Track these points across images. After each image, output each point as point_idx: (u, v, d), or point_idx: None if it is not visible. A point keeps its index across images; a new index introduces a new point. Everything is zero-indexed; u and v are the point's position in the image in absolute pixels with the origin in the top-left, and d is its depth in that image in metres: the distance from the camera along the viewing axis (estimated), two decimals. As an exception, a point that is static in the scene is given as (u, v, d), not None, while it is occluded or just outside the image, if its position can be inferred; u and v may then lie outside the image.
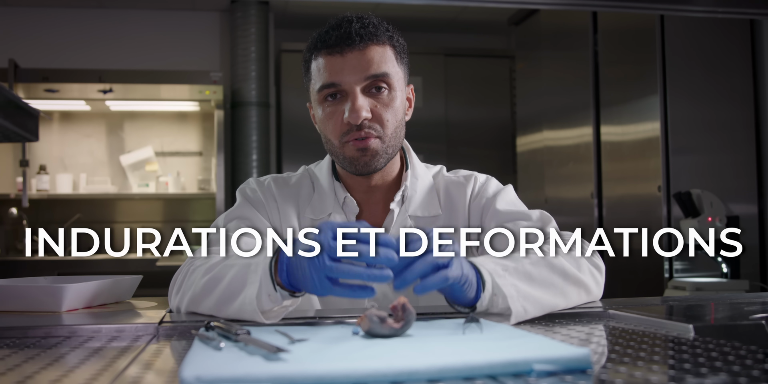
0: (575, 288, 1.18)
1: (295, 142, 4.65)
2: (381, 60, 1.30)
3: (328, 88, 1.31)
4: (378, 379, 0.66)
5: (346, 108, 1.29)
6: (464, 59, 4.98)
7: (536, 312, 1.10)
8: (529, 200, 1.49)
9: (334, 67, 1.29)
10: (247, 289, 1.06)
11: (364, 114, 1.28)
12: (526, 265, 1.13)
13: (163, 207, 4.76)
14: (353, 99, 1.29)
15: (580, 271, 1.20)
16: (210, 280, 1.14)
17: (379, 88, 1.31)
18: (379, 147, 1.32)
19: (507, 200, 1.43)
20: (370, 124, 1.30)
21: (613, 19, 3.45)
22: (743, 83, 3.09)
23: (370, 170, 1.34)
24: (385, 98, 1.32)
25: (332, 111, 1.32)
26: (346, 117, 1.29)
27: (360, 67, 1.29)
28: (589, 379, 0.68)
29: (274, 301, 1.05)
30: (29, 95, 4.15)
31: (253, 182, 1.45)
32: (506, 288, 1.05)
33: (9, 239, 4.54)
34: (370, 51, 1.30)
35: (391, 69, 1.32)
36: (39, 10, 4.64)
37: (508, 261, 1.13)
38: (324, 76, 1.31)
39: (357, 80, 1.29)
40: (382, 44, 1.32)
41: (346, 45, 1.29)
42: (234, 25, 4.63)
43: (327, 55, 1.31)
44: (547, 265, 1.16)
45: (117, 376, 0.74)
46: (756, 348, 0.82)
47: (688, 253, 2.95)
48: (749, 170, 3.06)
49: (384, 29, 1.33)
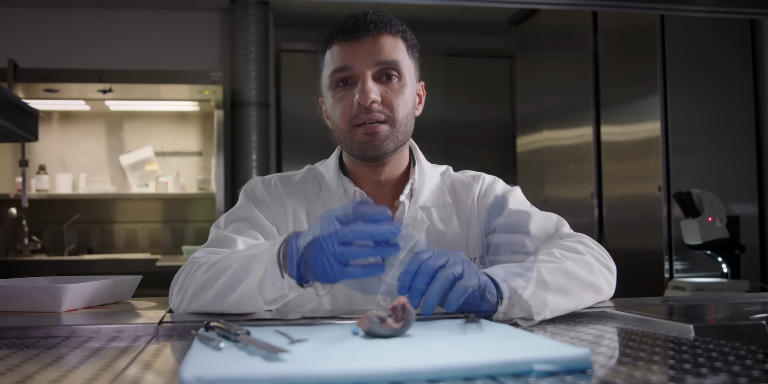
0: (589, 291, 1.18)
1: (295, 142, 4.65)
2: (393, 49, 1.33)
3: (339, 73, 1.33)
4: (378, 379, 0.66)
5: (357, 91, 1.31)
6: (464, 59, 4.98)
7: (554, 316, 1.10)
8: (529, 200, 1.49)
9: (347, 52, 1.32)
10: (250, 277, 1.07)
11: (373, 96, 1.29)
12: (544, 274, 1.12)
13: (163, 207, 4.76)
14: (363, 82, 1.31)
15: (592, 275, 1.20)
16: (213, 273, 1.15)
17: (390, 76, 1.33)
18: (389, 132, 1.33)
19: (518, 201, 1.43)
20: (379, 107, 1.31)
21: (613, 19, 3.45)
22: (743, 83, 3.09)
23: (379, 155, 1.34)
24: (396, 86, 1.34)
25: (342, 96, 1.33)
26: (356, 99, 1.30)
27: (372, 52, 1.31)
28: (589, 379, 0.68)
29: (278, 289, 1.05)
30: (29, 95, 4.15)
31: (257, 181, 1.45)
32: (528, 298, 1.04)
33: (8, 239, 4.54)
34: (382, 39, 1.33)
35: (402, 59, 1.35)
36: (39, 10, 4.64)
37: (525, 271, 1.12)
38: (337, 61, 1.33)
39: (368, 65, 1.31)
40: (395, 35, 1.35)
41: (360, 31, 1.32)
42: (234, 24, 4.63)
43: (341, 41, 1.33)
44: (562, 272, 1.15)
45: (117, 376, 0.74)
46: (756, 348, 0.81)
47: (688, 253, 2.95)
48: (749, 170, 3.06)
49: (398, 23, 1.37)
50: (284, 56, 4.70)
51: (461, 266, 1.00)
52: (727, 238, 2.81)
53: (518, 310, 1.04)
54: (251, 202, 1.41)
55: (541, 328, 1.03)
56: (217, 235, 1.34)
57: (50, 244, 4.59)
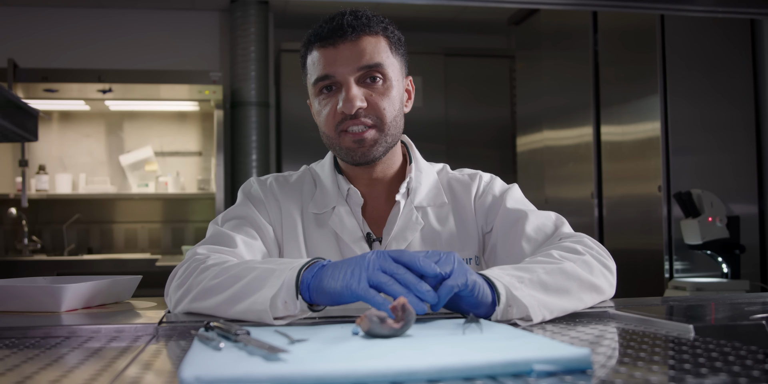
0: (589, 292, 1.18)
1: (294, 141, 4.65)
2: (374, 50, 1.31)
3: (322, 81, 1.31)
4: (378, 380, 0.66)
5: (341, 98, 1.29)
6: (464, 59, 4.98)
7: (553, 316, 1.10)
8: (529, 200, 1.48)
9: (328, 59, 1.30)
10: (265, 290, 1.04)
11: (358, 103, 1.28)
12: (542, 275, 1.12)
13: (163, 207, 4.75)
14: (347, 89, 1.29)
15: (592, 275, 1.19)
16: (226, 279, 1.12)
17: (374, 78, 1.31)
18: (377, 137, 1.32)
19: (516, 199, 1.42)
20: (365, 113, 1.30)
21: (613, 19, 3.45)
22: (743, 83, 3.09)
23: (369, 160, 1.34)
24: (380, 88, 1.32)
25: (327, 102, 1.32)
26: (340, 107, 1.29)
27: (352, 58, 1.29)
28: (589, 379, 0.68)
29: (288, 309, 1.02)
30: (28, 95, 4.15)
31: (254, 181, 1.46)
32: (525, 299, 1.04)
33: (8, 239, 4.54)
34: (362, 42, 1.30)
35: (385, 59, 1.32)
36: (38, 10, 4.64)
37: (523, 272, 1.12)
38: (318, 69, 1.31)
39: (350, 71, 1.29)
40: (375, 35, 1.32)
41: (338, 37, 1.29)
42: (233, 24, 4.63)
43: (320, 48, 1.31)
44: (561, 272, 1.15)
45: (116, 376, 0.74)
46: (756, 348, 0.81)
47: (688, 253, 2.95)
48: (749, 170, 3.06)
49: (377, 21, 1.34)
50: (284, 56, 4.70)
51: (450, 266, 1.00)
52: (727, 238, 2.81)
53: (516, 311, 1.04)
54: (248, 201, 1.41)
55: (541, 328, 1.03)
56: (216, 232, 1.34)
57: (50, 244, 4.59)
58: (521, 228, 1.35)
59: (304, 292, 1.02)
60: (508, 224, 1.38)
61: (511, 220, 1.38)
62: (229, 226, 1.36)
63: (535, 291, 1.08)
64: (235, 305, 1.08)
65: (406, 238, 1.36)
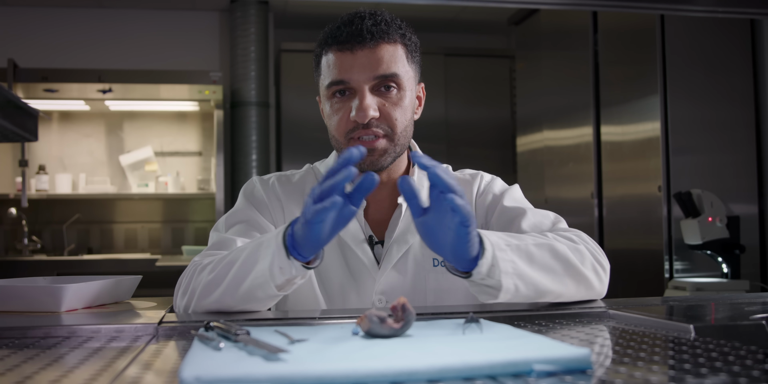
0: (574, 280, 1.18)
1: (294, 141, 4.65)
2: (391, 59, 1.29)
3: (336, 85, 1.30)
4: (378, 380, 0.66)
5: (354, 106, 1.28)
6: (464, 59, 4.98)
7: (528, 293, 1.10)
8: (529, 200, 1.49)
9: (344, 64, 1.28)
10: (259, 264, 1.08)
11: (371, 113, 1.27)
12: (530, 246, 1.12)
13: (163, 207, 4.76)
14: (361, 98, 1.27)
15: (582, 265, 1.19)
16: (222, 268, 1.15)
17: (389, 87, 1.30)
18: (387, 146, 1.31)
19: (514, 198, 1.42)
20: (377, 122, 1.29)
21: (613, 19, 3.45)
22: (743, 83, 3.09)
23: (376, 169, 1.33)
24: (394, 97, 1.30)
25: (339, 107, 1.31)
26: (353, 115, 1.27)
27: (370, 66, 1.27)
28: (589, 379, 0.68)
29: (285, 273, 1.06)
30: (28, 95, 4.15)
31: (257, 181, 1.45)
32: (503, 263, 1.05)
33: (8, 239, 4.54)
34: (380, 50, 1.28)
35: (401, 69, 1.30)
36: (38, 10, 4.64)
37: (513, 238, 1.13)
38: (333, 73, 1.29)
39: (366, 79, 1.27)
40: (393, 43, 1.30)
41: (356, 42, 1.27)
42: (234, 24, 4.63)
43: (337, 52, 1.29)
44: (551, 250, 1.15)
45: (116, 376, 0.74)
46: (756, 348, 0.81)
47: (688, 253, 2.95)
48: (749, 170, 3.06)
49: (396, 27, 1.32)
50: (284, 56, 4.70)
51: None
52: (727, 238, 2.81)
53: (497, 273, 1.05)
54: (250, 204, 1.40)
55: (540, 327, 1.03)
56: (218, 239, 1.34)
57: (50, 244, 4.59)
58: (518, 225, 1.35)
59: (292, 252, 1.05)
60: (505, 221, 1.38)
61: (508, 217, 1.38)
62: (231, 232, 1.35)
63: (518, 258, 1.09)
64: (238, 288, 1.11)
65: (407, 241, 1.36)
